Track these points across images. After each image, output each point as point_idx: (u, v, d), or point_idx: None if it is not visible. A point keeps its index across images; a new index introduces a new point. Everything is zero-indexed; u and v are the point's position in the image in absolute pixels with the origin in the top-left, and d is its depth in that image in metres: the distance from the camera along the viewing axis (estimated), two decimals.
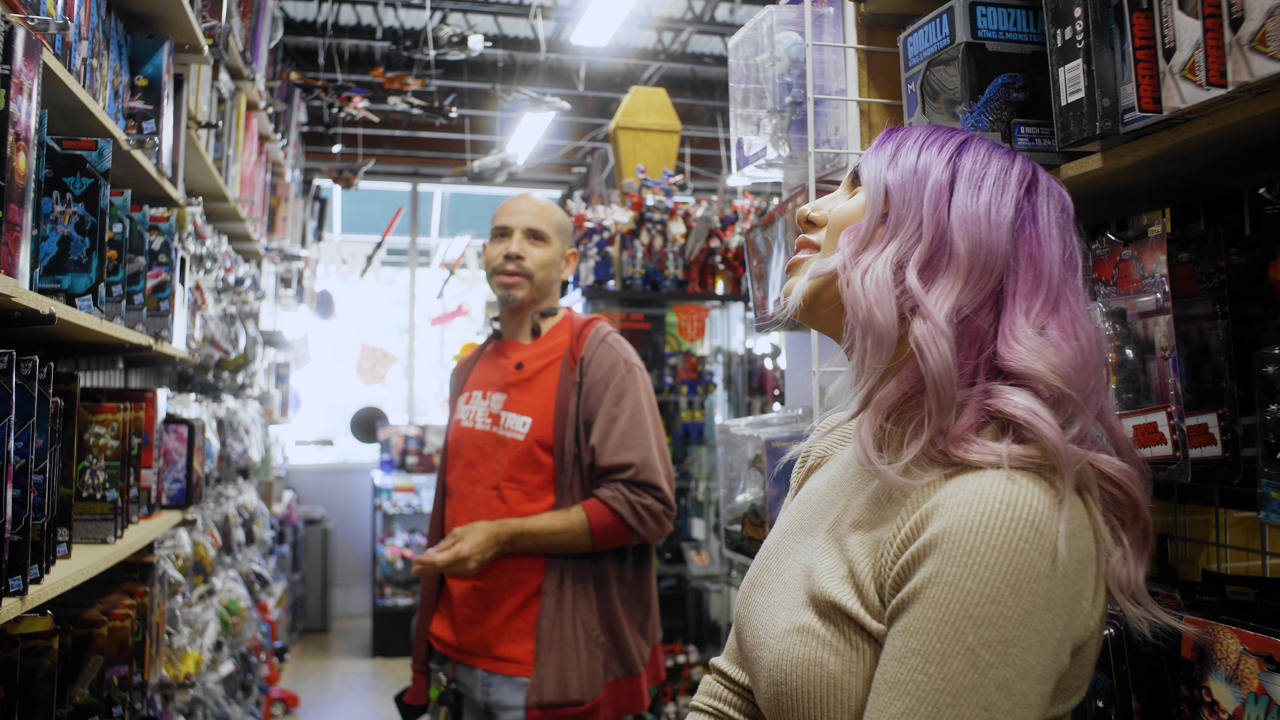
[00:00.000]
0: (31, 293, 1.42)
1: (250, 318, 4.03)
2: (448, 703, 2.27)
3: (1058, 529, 0.83)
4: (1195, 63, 1.06)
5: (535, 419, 2.23)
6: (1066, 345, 0.91)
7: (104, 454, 1.97)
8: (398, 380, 9.05)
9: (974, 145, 1.02)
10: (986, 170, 0.98)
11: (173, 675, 2.66)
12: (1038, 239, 0.96)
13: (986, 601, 0.81)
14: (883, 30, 1.88)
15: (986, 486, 0.85)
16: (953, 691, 0.81)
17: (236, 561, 3.90)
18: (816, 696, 0.90)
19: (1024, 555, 0.81)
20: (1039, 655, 0.81)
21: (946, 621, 0.82)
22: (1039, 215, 0.97)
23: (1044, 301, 0.94)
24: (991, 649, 0.80)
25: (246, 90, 3.67)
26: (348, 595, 8.09)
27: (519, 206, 2.40)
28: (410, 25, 6.69)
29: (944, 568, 0.83)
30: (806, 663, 0.91)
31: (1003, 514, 0.83)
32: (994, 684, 0.80)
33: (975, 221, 0.95)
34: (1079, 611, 0.85)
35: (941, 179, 0.98)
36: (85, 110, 1.84)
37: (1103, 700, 1.30)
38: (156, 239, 2.30)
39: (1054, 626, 0.82)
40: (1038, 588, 0.81)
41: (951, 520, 0.84)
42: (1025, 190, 0.99)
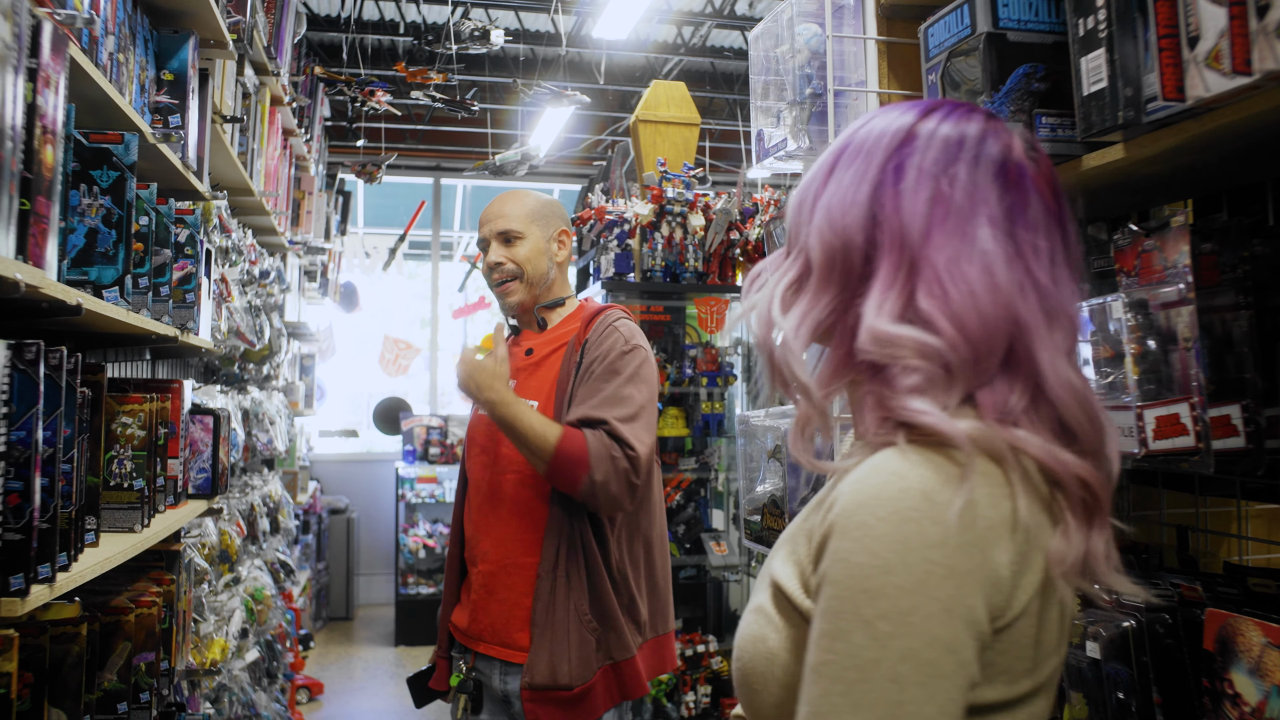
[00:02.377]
0: (59, 284, 1.44)
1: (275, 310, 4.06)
2: (467, 690, 2.28)
3: (954, 497, 0.81)
4: (1220, 51, 1.05)
5: (541, 402, 2.25)
6: (939, 312, 0.87)
7: (131, 444, 1.99)
8: (420, 372, 9.10)
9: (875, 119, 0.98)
10: (863, 145, 0.95)
11: (199, 662, 2.69)
12: (897, 200, 0.91)
13: (877, 573, 0.80)
14: (903, 21, 1.88)
15: (879, 462, 0.85)
16: (858, 667, 0.80)
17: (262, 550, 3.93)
18: (759, 671, 0.92)
19: (912, 523, 0.81)
20: (944, 623, 0.79)
21: (843, 598, 0.82)
22: (905, 170, 0.92)
23: (906, 271, 0.89)
24: (889, 620, 0.80)
25: (271, 85, 3.69)
26: (371, 584, 8.15)
27: (488, 214, 2.38)
28: (432, 20, 6.71)
29: (839, 544, 0.83)
30: (754, 639, 0.94)
31: (891, 484, 0.83)
32: (897, 655, 0.79)
33: (826, 218, 0.94)
34: (995, 579, 0.82)
35: (820, 178, 0.97)
36: (112, 104, 1.86)
37: (1123, 692, 1.29)
38: (182, 231, 2.32)
39: (960, 593, 0.80)
40: (932, 555, 0.80)
41: (847, 498, 0.85)
42: (896, 147, 0.94)
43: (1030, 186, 0.93)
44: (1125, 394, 1.28)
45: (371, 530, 8.14)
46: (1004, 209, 0.91)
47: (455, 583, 2.38)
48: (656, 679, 4.00)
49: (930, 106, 0.97)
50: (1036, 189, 0.93)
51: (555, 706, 2.13)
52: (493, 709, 2.28)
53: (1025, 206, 0.91)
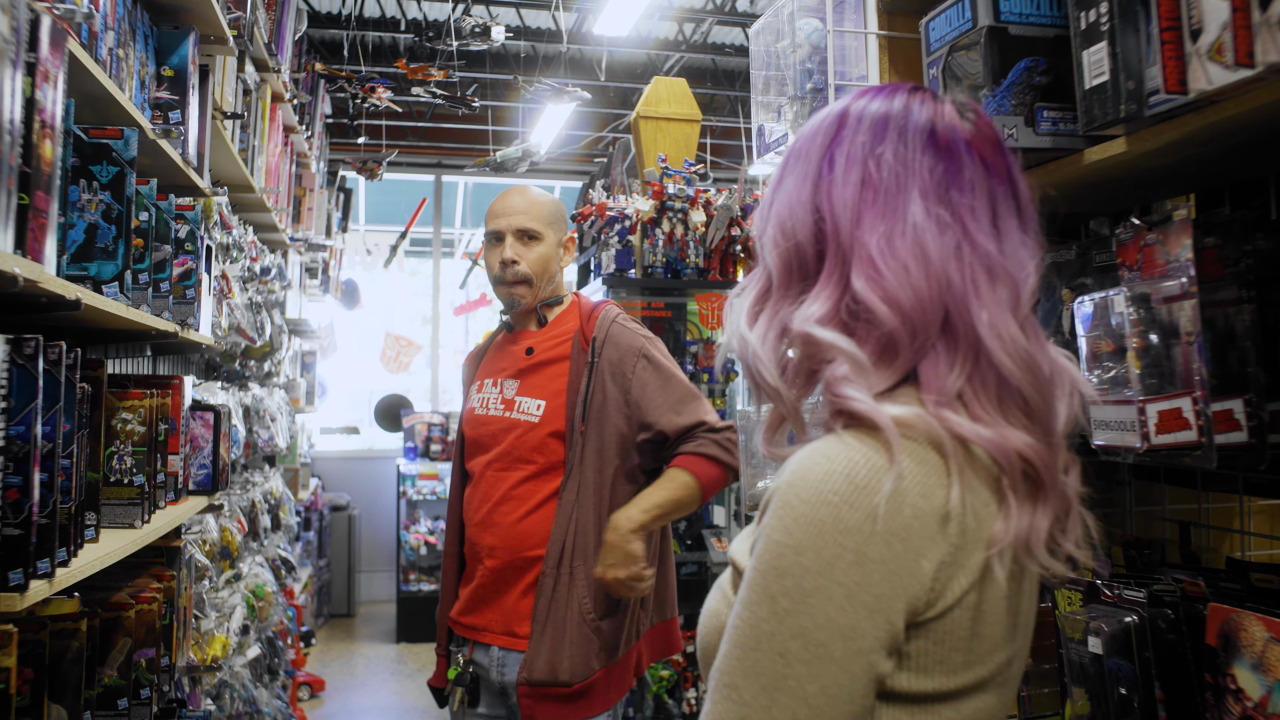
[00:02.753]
0: (58, 278, 1.43)
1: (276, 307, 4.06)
2: (464, 683, 2.29)
3: (881, 484, 0.82)
4: (1223, 44, 1.05)
5: (548, 402, 2.25)
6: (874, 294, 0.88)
7: (131, 439, 1.99)
8: (422, 369, 9.10)
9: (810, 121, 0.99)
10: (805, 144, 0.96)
11: (200, 658, 2.69)
12: (830, 190, 0.93)
13: (789, 551, 0.83)
14: (904, 15, 1.87)
15: (815, 446, 0.87)
16: (756, 636, 0.83)
17: (263, 547, 3.93)
18: (712, 644, 0.95)
19: (830, 507, 0.82)
20: (842, 608, 0.81)
21: (760, 570, 0.85)
22: (836, 160, 0.93)
23: (841, 260, 0.91)
24: (790, 597, 0.82)
25: (271, 82, 3.69)
26: (373, 581, 8.15)
27: (507, 207, 2.36)
28: (433, 17, 6.71)
29: (767, 520, 0.86)
30: (712, 614, 0.99)
31: (819, 467, 0.84)
32: (790, 631, 0.82)
33: (778, 225, 0.95)
34: (913, 571, 0.82)
35: (770, 193, 0.98)
36: (112, 100, 1.86)
37: (1125, 687, 1.29)
38: (183, 227, 2.32)
39: (866, 582, 0.81)
40: (845, 540, 0.81)
41: (783, 476, 0.86)
42: (830, 140, 0.95)
43: (963, 149, 0.93)
44: (1127, 388, 1.28)
45: (373, 527, 8.14)
46: (935, 178, 0.91)
47: (453, 578, 2.38)
48: (658, 676, 4.01)
49: (863, 91, 0.98)
50: (972, 150, 0.93)
51: (553, 702, 2.14)
52: (490, 701, 2.28)
53: (959, 170, 0.91)
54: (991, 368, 0.88)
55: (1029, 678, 1.55)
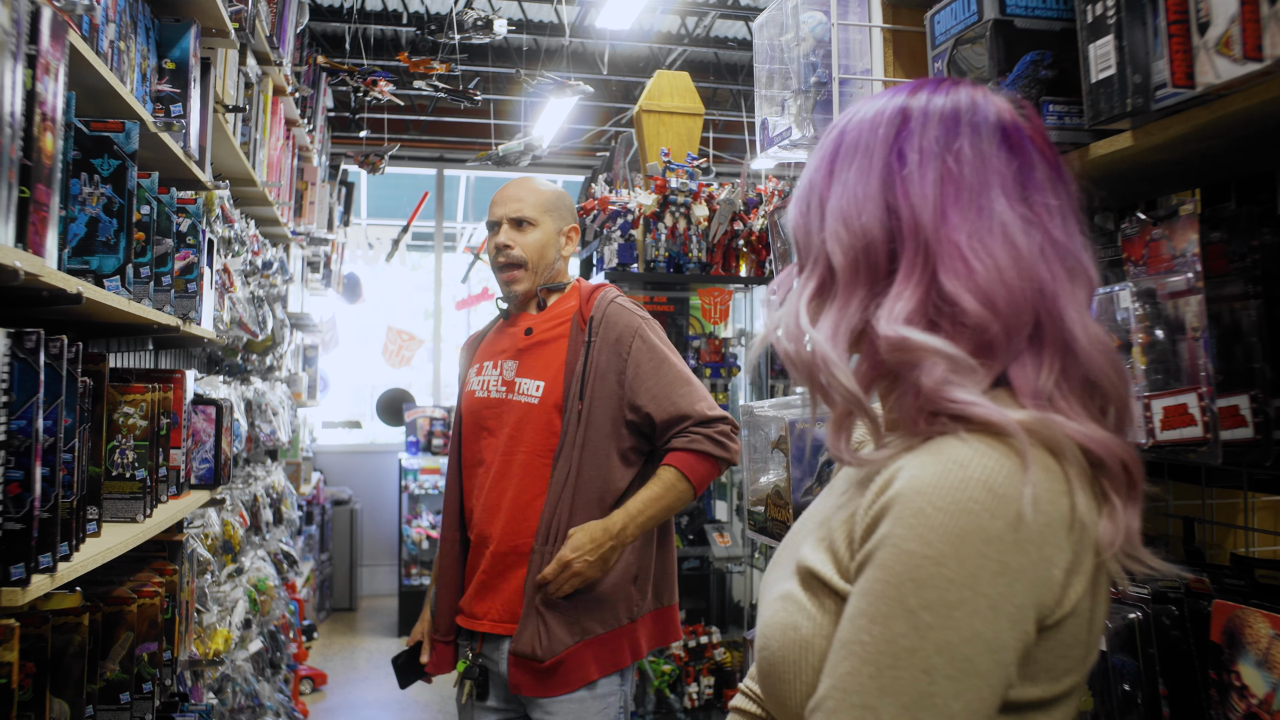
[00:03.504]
0: (59, 272, 1.43)
1: (278, 301, 4.06)
2: (473, 677, 2.29)
3: (1019, 491, 0.79)
4: (1231, 37, 1.04)
5: (548, 382, 2.25)
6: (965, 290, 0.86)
7: (133, 434, 1.99)
8: (424, 363, 9.09)
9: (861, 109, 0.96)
10: (858, 139, 0.93)
11: (202, 652, 2.69)
12: (906, 186, 0.90)
13: (929, 563, 0.79)
14: (909, 8, 1.86)
15: (942, 448, 0.83)
16: (894, 653, 0.79)
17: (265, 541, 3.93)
18: (791, 660, 0.90)
19: (972, 516, 0.79)
20: (988, 620, 0.78)
21: (890, 583, 0.81)
22: (907, 154, 0.90)
23: (924, 257, 0.88)
24: (932, 611, 0.78)
25: (273, 75, 3.68)
26: (374, 575, 8.16)
27: (503, 196, 2.39)
28: (435, 10, 6.69)
29: (893, 529, 0.82)
30: (784, 626, 0.92)
31: (953, 474, 0.81)
32: (934, 647, 0.78)
33: (841, 221, 0.92)
34: (1047, 580, 0.80)
35: (822, 180, 0.94)
36: (113, 92, 1.85)
37: (1129, 684, 1.29)
38: (184, 221, 2.32)
39: (1010, 593, 0.78)
40: (987, 550, 0.78)
41: (904, 483, 0.82)
42: (896, 133, 0.92)
43: (1030, 146, 0.91)
44: (1133, 384, 1.27)
45: (375, 521, 8.15)
46: (1013, 174, 0.90)
47: (455, 565, 2.38)
48: (659, 670, 4.01)
49: (915, 86, 0.95)
50: (1036, 147, 0.92)
51: (530, 675, 2.17)
52: (499, 694, 2.27)
53: (1032, 167, 0.90)
54: (1079, 367, 0.87)
55: None
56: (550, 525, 2.18)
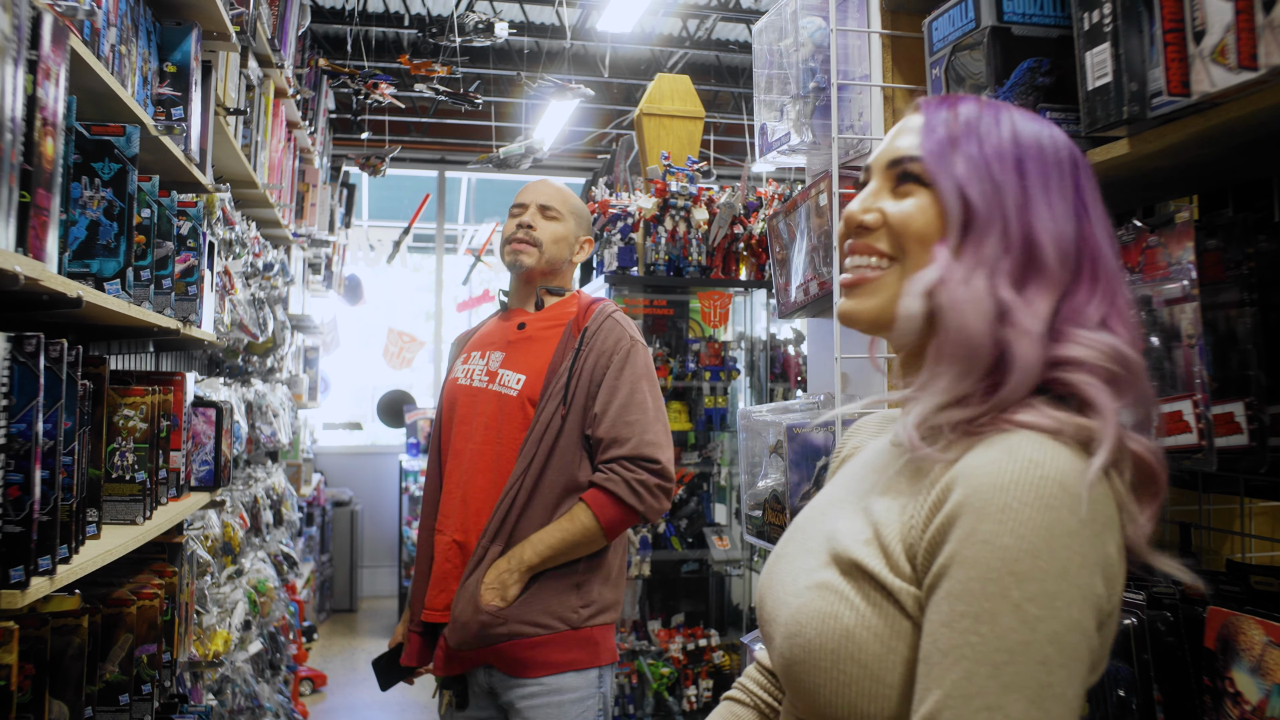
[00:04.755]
0: (59, 276, 1.44)
1: (279, 302, 4.06)
2: (451, 686, 2.29)
3: (1082, 491, 0.83)
4: (1226, 45, 1.05)
5: (529, 377, 2.26)
6: (1125, 331, 0.93)
7: (133, 436, 1.99)
8: (424, 365, 9.10)
9: (1018, 125, 0.99)
10: (1045, 163, 0.96)
11: (202, 654, 2.69)
12: (1093, 231, 0.95)
13: (1026, 556, 0.81)
14: (907, 15, 1.87)
15: (1014, 446, 0.85)
16: (1008, 649, 0.81)
17: (265, 543, 3.94)
18: (829, 649, 0.90)
19: (1055, 511, 0.82)
20: (1082, 609, 0.82)
21: (990, 580, 0.82)
22: (1089, 204, 0.97)
23: (1103, 294, 0.94)
24: (1037, 603, 0.81)
25: (275, 77, 3.69)
26: (375, 576, 8.16)
27: (536, 186, 2.47)
28: (437, 12, 6.70)
29: (979, 526, 0.83)
30: (823, 615, 0.91)
31: (1031, 471, 0.83)
32: (1046, 638, 0.81)
33: (1054, 225, 0.94)
34: (1112, 571, 0.85)
35: (1014, 181, 0.96)
36: (114, 96, 1.86)
37: (1124, 690, 1.29)
38: (185, 224, 2.32)
39: (1092, 581, 0.83)
40: (1071, 543, 0.82)
41: (981, 479, 0.84)
42: (1074, 178, 0.97)
43: None
44: None
45: (375, 522, 8.15)
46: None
47: (429, 559, 2.35)
48: (658, 673, 4.01)
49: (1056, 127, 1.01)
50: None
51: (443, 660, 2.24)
52: (479, 703, 2.26)
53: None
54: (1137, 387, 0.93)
55: None
56: (500, 522, 2.18)
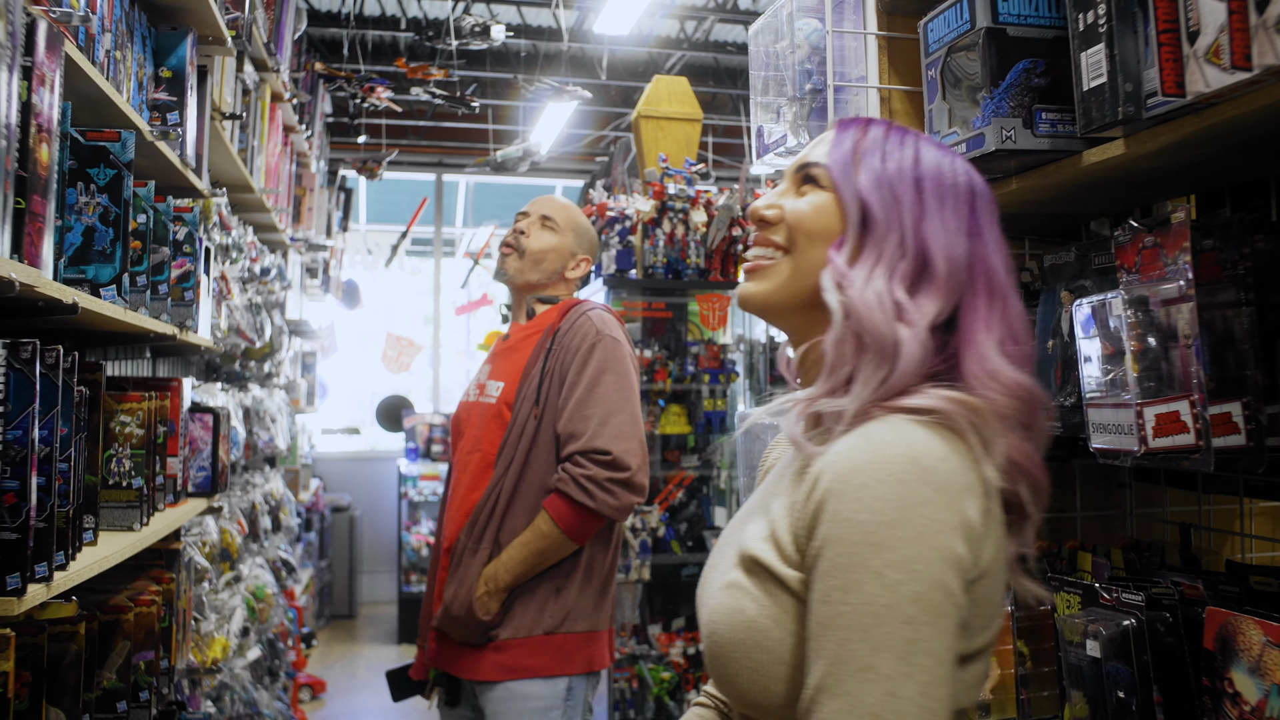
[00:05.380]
0: (55, 282, 1.43)
1: (276, 307, 4.06)
2: (442, 684, 2.32)
3: (935, 463, 0.91)
4: (1220, 46, 1.04)
5: (506, 383, 2.29)
6: (1018, 353, 1.02)
7: (129, 442, 1.99)
8: (423, 369, 9.09)
9: (924, 152, 1.08)
10: (943, 186, 1.06)
11: (200, 660, 2.69)
12: (986, 252, 1.05)
13: (882, 527, 0.89)
14: (903, 16, 1.86)
15: (870, 431, 0.95)
16: (874, 613, 0.87)
17: (263, 549, 3.93)
18: (738, 640, 0.98)
19: (906, 484, 0.90)
20: (942, 569, 0.89)
21: (852, 553, 0.90)
22: (983, 228, 1.06)
23: (1001, 311, 1.03)
24: (896, 568, 0.88)
25: (271, 81, 3.69)
26: (374, 582, 8.15)
27: (544, 199, 2.52)
28: (434, 15, 6.70)
29: (840, 506, 0.91)
30: (730, 610, 0.99)
31: (883, 451, 0.92)
32: (908, 599, 0.87)
33: (946, 241, 1.03)
34: (969, 529, 0.91)
35: (911, 197, 1.05)
36: (109, 102, 1.86)
37: (1124, 691, 1.29)
38: (181, 229, 2.32)
39: (950, 544, 0.89)
40: (925, 511, 0.89)
41: (840, 465, 0.93)
42: (971, 202, 1.06)
43: None
44: (1125, 391, 1.27)
45: (374, 528, 8.14)
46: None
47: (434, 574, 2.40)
48: (659, 678, 4.01)
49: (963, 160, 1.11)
50: None
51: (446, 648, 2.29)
52: (470, 700, 2.29)
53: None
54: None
55: (1028, 680, 1.55)
56: (476, 520, 2.21)
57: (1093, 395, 1.34)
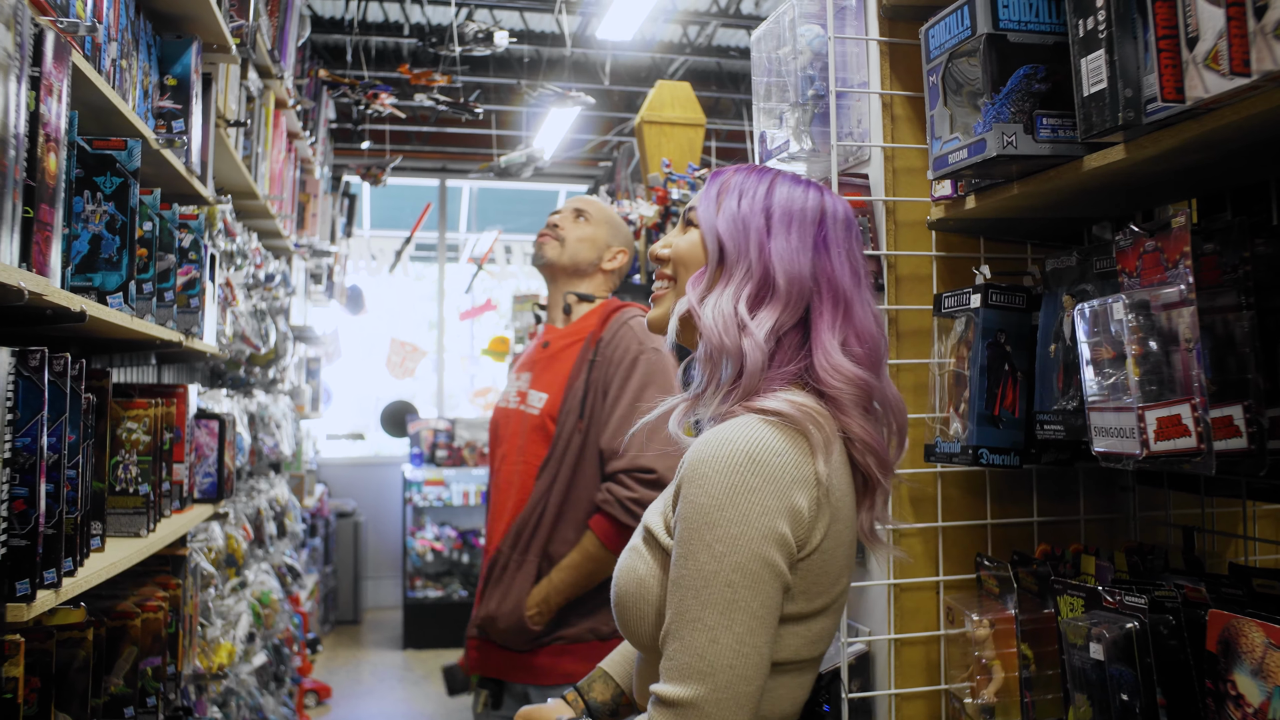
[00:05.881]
0: (62, 291, 1.44)
1: (281, 313, 4.07)
2: (488, 686, 2.33)
3: (769, 458, 1.14)
4: (1219, 52, 1.05)
5: (550, 395, 2.28)
6: (862, 349, 1.25)
7: (136, 449, 2.00)
8: (427, 374, 9.11)
9: (778, 187, 1.30)
10: (791, 213, 1.27)
11: (206, 666, 2.70)
12: (831, 265, 1.26)
13: (714, 509, 1.13)
14: (905, 22, 1.87)
15: (720, 429, 1.18)
16: (704, 576, 1.12)
17: (269, 554, 3.94)
18: (631, 592, 1.24)
19: (739, 474, 1.13)
20: (763, 545, 1.12)
21: (692, 529, 1.14)
22: (830, 243, 1.27)
23: (843, 316, 1.25)
24: (723, 543, 1.12)
25: (275, 88, 3.70)
26: (379, 587, 8.16)
27: (574, 198, 2.57)
28: (437, 21, 6.72)
29: (689, 491, 1.16)
30: (628, 569, 1.26)
31: (725, 446, 1.15)
32: (731, 567, 1.12)
33: (789, 260, 1.25)
34: (798, 517, 1.15)
35: (761, 225, 1.27)
36: (115, 110, 1.87)
37: (1127, 693, 1.29)
38: (186, 236, 2.33)
39: (774, 525, 1.13)
40: (752, 498, 1.12)
41: (694, 458, 1.17)
42: (818, 224, 1.28)
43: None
44: (1127, 395, 1.28)
45: (379, 533, 8.15)
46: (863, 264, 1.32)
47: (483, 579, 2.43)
48: None
49: (820, 189, 1.32)
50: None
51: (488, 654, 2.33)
52: (512, 705, 2.29)
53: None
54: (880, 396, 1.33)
55: (1032, 683, 1.55)
56: (520, 532, 2.22)
57: (1094, 399, 1.34)
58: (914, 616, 1.83)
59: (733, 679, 1.10)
